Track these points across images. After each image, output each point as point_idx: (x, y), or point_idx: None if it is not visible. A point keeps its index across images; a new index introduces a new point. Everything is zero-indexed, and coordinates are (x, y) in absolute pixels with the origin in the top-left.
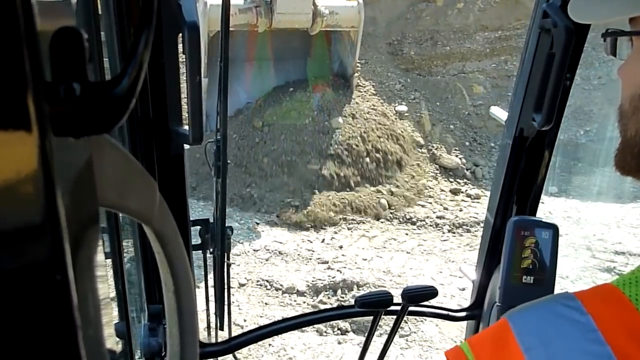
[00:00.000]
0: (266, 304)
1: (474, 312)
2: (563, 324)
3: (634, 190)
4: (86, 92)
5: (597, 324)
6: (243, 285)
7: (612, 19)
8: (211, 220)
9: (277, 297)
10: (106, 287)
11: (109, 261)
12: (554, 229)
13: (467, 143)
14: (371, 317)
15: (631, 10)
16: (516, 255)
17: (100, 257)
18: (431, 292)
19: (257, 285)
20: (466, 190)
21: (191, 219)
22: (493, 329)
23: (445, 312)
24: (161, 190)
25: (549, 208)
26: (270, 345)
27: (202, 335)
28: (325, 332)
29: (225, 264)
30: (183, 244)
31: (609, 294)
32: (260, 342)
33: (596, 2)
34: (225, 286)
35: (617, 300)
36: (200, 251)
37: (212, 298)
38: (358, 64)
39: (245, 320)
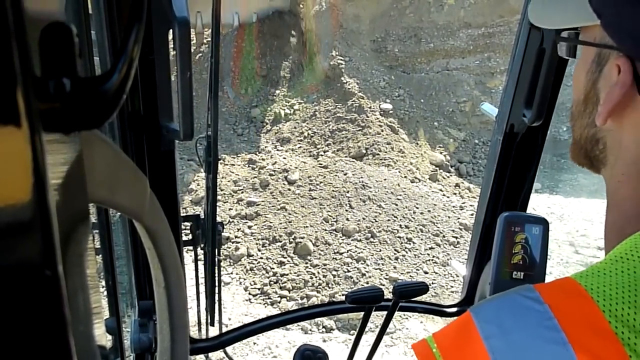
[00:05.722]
0: None
1: (465, 308)
2: (521, 313)
3: None
4: (76, 88)
5: (554, 312)
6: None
7: (567, 26)
8: (202, 216)
9: None
10: (96, 283)
11: (100, 257)
12: (544, 224)
13: (451, 140)
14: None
15: (582, 21)
16: (506, 251)
17: (90, 252)
18: (422, 288)
19: None
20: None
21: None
22: (457, 322)
23: (436, 308)
24: (152, 186)
25: (532, 204)
26: (255, 343)
27: (193, 331)
28: (310, 330)
29: (216, 259)
30: (174, 239)
31: (567, 285)
32: (245, 341)
33: (551, 11)
34: (216, 282)
35: (574, 290)
36: (191, 247)
37: (202, 294)
38: (342, 61)
39: None
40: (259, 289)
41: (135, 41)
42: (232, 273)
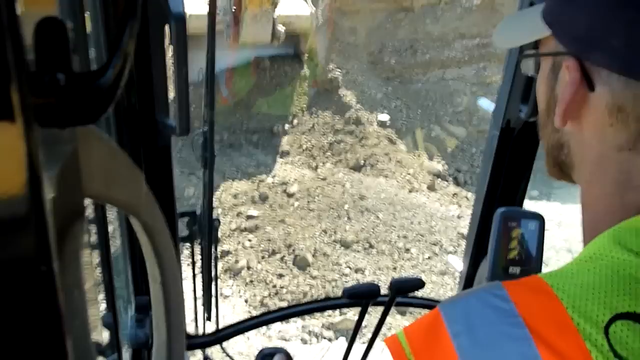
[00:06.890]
0: None
1: None
2: (487, 311)
3: None
4: (71, 83)
5: (519, 310)
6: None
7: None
8: (198, 212)
9: None
10: (92, 278)
11: (96, 252)
12: (540, 220)
13: (449, 149)
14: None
15: (538, 34)
16: (502, 247)
17: (86, 248)
18: (418, 283)
19: None
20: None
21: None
22: (426, 318)
23: (432, 303)
24: (148, 181)
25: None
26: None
27: (189, 327)
28: (310, 341)
29: (213, 255)
30: (170, 235)
31: (534, 283)
32: (244, 349)
33: (511, 32)
34: (213, 278)
35: (540, 288)
36: (188, 243)
37: (199, 290)
38: (339, 74)
39: None
40: (259, 301)
41: (130, 36)
42: (232, 285)
